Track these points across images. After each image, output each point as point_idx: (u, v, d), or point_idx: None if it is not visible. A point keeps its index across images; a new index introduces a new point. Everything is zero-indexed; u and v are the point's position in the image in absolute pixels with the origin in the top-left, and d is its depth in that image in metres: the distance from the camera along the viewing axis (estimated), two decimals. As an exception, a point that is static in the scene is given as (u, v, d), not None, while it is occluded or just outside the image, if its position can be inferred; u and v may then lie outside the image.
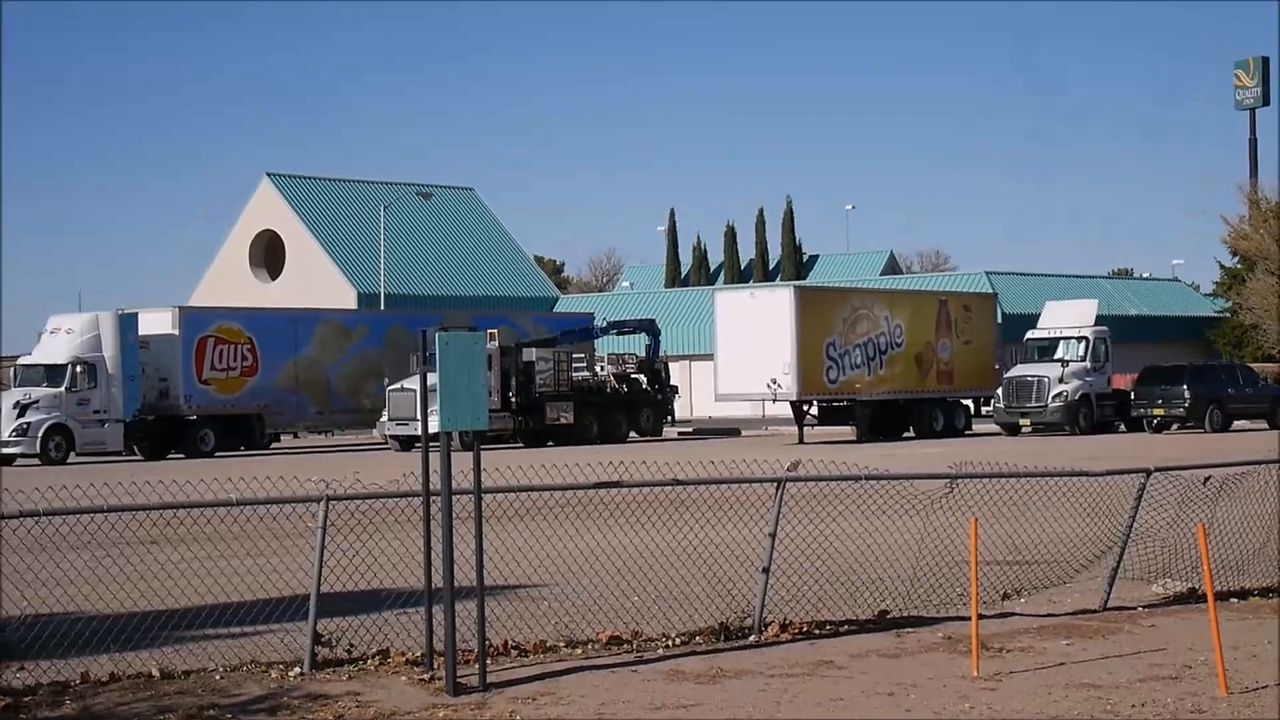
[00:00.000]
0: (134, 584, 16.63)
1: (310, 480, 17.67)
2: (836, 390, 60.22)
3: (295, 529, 20.69)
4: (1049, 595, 17.63)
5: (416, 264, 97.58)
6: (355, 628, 14.67)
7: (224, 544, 20.90)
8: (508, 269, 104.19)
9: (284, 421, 64.26)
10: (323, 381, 63.75)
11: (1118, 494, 17.81)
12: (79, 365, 55.67)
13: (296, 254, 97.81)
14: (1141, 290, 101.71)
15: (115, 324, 56.76)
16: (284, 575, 16.52)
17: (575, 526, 19.18)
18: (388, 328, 66.17)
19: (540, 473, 16.88)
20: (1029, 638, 15.44)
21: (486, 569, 13.66)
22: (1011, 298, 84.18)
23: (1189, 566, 17.60)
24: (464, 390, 13.29)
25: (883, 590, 16.99)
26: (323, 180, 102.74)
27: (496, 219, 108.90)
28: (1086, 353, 62.78)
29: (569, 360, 62.96)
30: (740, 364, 59.02)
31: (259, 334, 61.90)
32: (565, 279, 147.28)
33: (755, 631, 15.48)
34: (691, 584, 17.14)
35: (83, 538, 14.94)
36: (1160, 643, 15.11)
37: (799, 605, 16.29)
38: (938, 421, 63.16)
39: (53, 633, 14.05)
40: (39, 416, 54.80)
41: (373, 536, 17.19)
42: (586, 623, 15.46)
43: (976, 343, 65.72)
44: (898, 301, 65.44)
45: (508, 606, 16.47)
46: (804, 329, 58.43)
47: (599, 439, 60.90)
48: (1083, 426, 61.33)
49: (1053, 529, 18.88)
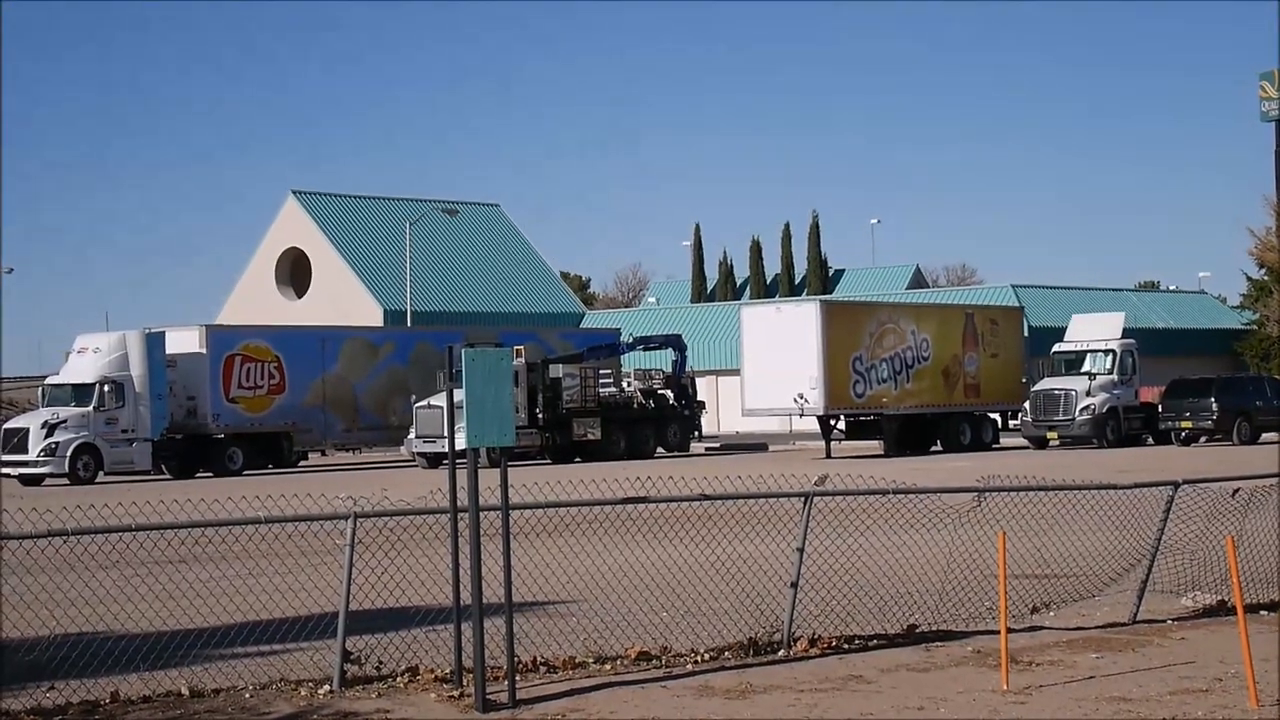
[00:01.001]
0: (163, 603, 16.65)
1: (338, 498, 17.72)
2: (863, 404, 60.17)
3: (324, 547, 20.72)
4: (1078, 609, 17.59)
5: (443, 280, 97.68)
6: (384, 645, 14.67)
7: (252, 562, 20.92)
8: (534, 285, 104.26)
9: (312, 439, 64.28)
10: (350, 399, 63.83)
11: (1146, 507, 17.77)
12: (107, 384, 55.79)
13: (323, 271, 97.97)
14: (1168, 303, 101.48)
15: (142, 343, 56.89)
16: (312, 593, 16.54)
17: (603, 542, 19.17)
18: (414, 344, 66.24)
19: (567, 488, 16.88)
20: (1058, 651, 15.40)
21: (515, 585, 13.65)
22: (1038, 311, 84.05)
23: (1218, 579, 17.54)
24: (491, 407, 13.29)
25: (911, 604, 16.96)
26: (348, 198, 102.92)
27: (522, 235, 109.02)
28: (1114, 366, 62.63)
29: (595, 376, 62.96)
30: (767, 379, 59.02)
31: (286, 352, 61.99)
32: (591, 295, 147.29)
33: (784, 646, 15.46)
34: (720, 599, 17.12)
35: (111, 557, 14.97)
36: (1190, 655, 15.06)
37: (828, 620, 16.26)
38: (965, 435, 63.09)
39: (82, 652, 14.08)
40: (67, 436, 54.93)
41: (400, 553, 17.20)
42: (615, 639, 15.45)
43: (1003, 356, 65.63)
44: (924, 315, 65.37)
45: (536, 623, 16.46)
46: (830, 343, 58.40)
47: (626, 455, 60.87)
48: (1110, 439, 61.15)
49: (1081, 542, 18.83)
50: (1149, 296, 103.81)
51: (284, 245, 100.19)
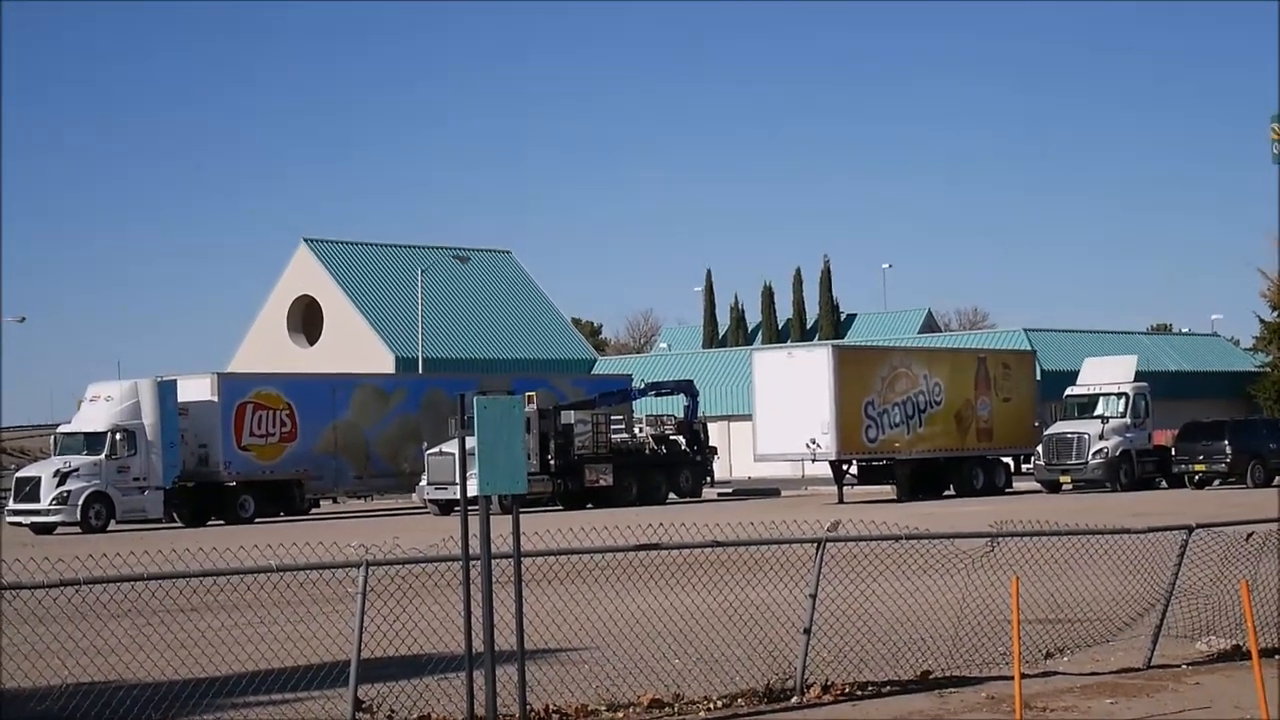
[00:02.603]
0: (174, 652, 16.63)
1: (350, 545, 17.71)
2: (876, 449, 60.15)
3: (335, 594, 20.69)
4: (1092, 654, 17.53)
5: (454, 327, 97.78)
6: (396, 693, 14.64)
7: (264, 610, 20.90)
8: (545, 331, 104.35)
9: (323, 487, 64.24)
10: (362, 446, 63.84)
11: (1160, 551, 17.72)
12: (118, 433, 55.85)
13: (334, 319, 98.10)
14: (1181, 345, 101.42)
15: (154, 391, 56.97)
16: (324, 641, 16.50)
17: (615, 589, 19.13)
18: (426, 391, 66.27)
19: (579, 535, 16.85)
20: (1073, 697, 15.34)
21: (526, 633, 13.63)
22: (1050, 354, 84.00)
23: (1233, 623, 17.48)
24: (502, 454, 13.28)
25: (925, 650, 16.91)
26: (359, 245, 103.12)
27: (534, 281, 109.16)
28: (1127, 409, 62.58)
29: (607, 422, 62.96)
30: (779, 424, 59.06)
31: (298, 399, 62.03)
32: (603, 341, 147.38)
33: (797, 693, 15.41)
34: (732, 645, 17.08)
35: (123, 606, 14.95)
36: (1205, 701, 15.00)
37: (841, 666, 16.22)
38: (978, 480, 63.06)
39: (94, 702, 14.05)
40: (79, 484, 54.97)
41: (413, 601, 17.18)
42: (628, 685, 15.41)
43: (1016, 400, 65.64)
44: (936, 360, 65.39)
45: (548, 670, 16.42)
46: (842, 388, 58.43)
47: (638, 501, 60.79)
48: (1124, 483, 61.06)
49: (1095, 587, 18.77)
50: (1161, 339, 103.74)
51: (296, 293, 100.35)
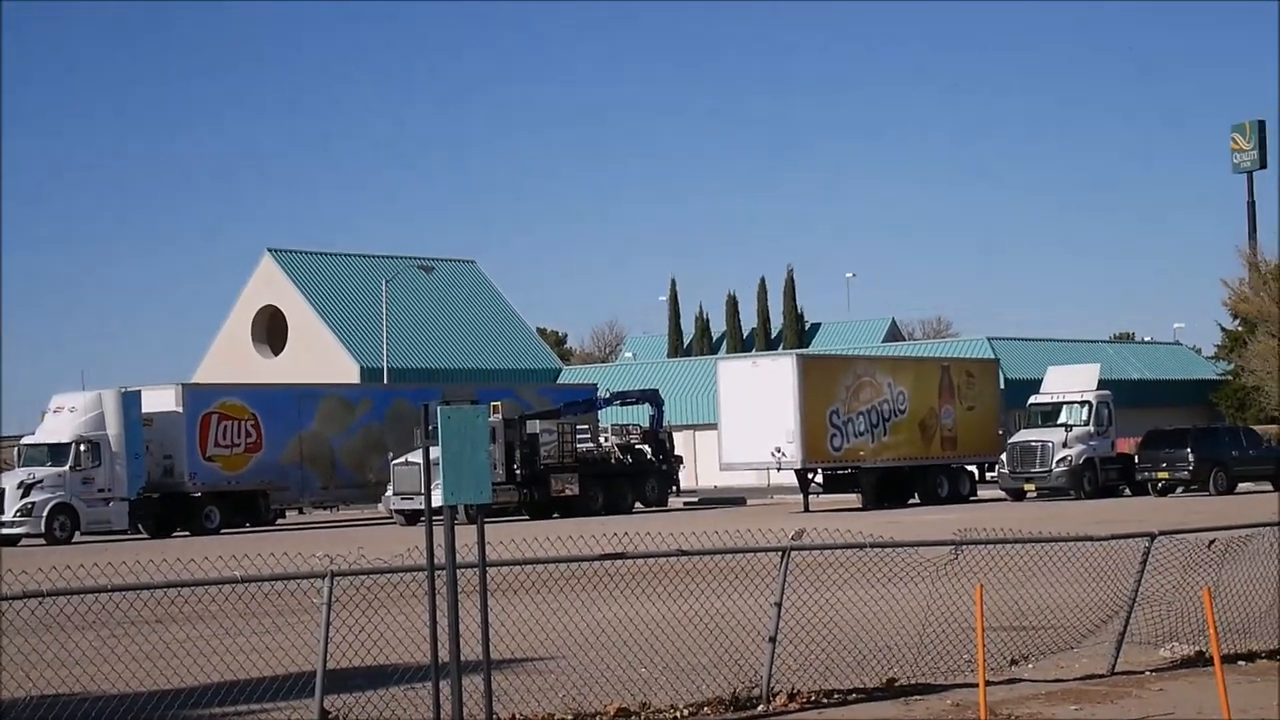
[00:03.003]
0: (140, 663, 16.60)
1: (315, 556, 17.70)
2: (841, 458, 60.21)
3: (301, 605, 20.66)
4: (1056, 660, 17.60)
5: (419, 337, 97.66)
6: (362, 704, 14.64)
7: (230, 621, 20.87)
8: (510, 342, 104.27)
9: (289, 497, 64.09)
10: (327, 457, 63.73)
11: (1123, 558, 17.80)
12: (83, 444, 55.66)
13: (299, 329, 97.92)
14: (1143, 354, 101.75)
15: (119, 402, 56.78)
16: (290, 652, 16.49)
17: (581, 598, 19.15)
18: (391, 402, 66.15)
19: (545, 545, 16.88)
20: (1037, 704, 15.41)
21: (493, 642, 13.64)
22: (1014, 363, 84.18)
23: (1195, 630, 17.58)
24: (467, 464, 13.29)
25: (890, 658, 16.96)
26: (324, 255, 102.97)
27: (498, 291, 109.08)
28: (1090, 417, 62.77)
29: (573, 432, 62.93)
30: (744, 433, 59.08)
31: (263, 410, 61.90)
32: (568, 350, 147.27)
33: (763, 701, 15.45)
34: (699, 654, 17.11)
35: (88, 617, 14.93)
36: (1168, 707, 15.07)
37: (806, 674, 16.25)
38: (942, 488, 63.18)
39: (59, 714, 14.03)
40: (43, 496, 54.75)
41: (378, 612, 17.18)
42: (594, 695, 15.43)
43: (980, 408, 65.76)
44: (900, 368, 65.51)
45: (515, 680, 16.43)
46: (807, 397, 58.48)
47: (604, 510, 60.79)
48: (1087, 491, 61.27)
49: (1059, 594, 18.85)
50: (1124, 348, 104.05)
51: (260, 303, 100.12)
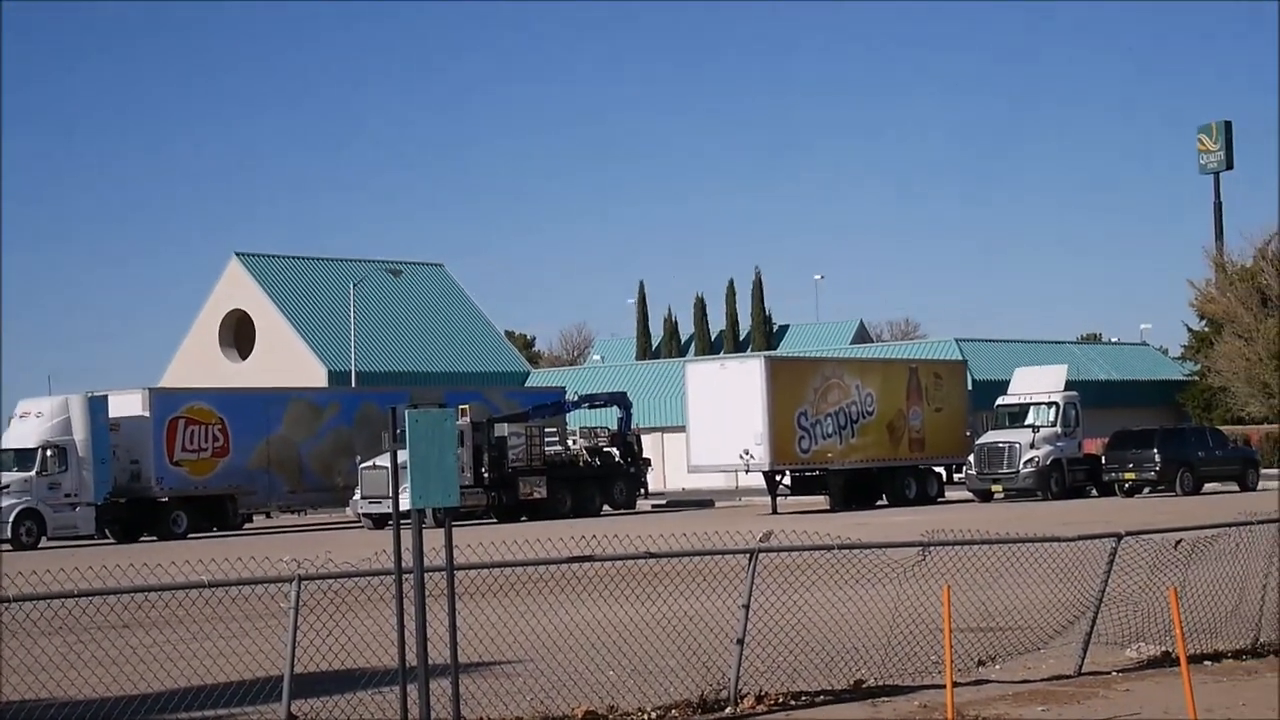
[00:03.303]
0: (106, 668, 16.55)
1: (282, 560, 17.67)
2: (809, 460, 60.25)
3: (268, 610, 20.62)
4: (1024, 661, 17.64)
5: (387, 341, 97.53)
6: (330, 708, 14.62)
7: (197, 626, 20.83)
8: (478, 344, 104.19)
9: (256, 502, 63.92)
10: (295, 461, 63.59)
11: (1090, 559, 17.84)
12: (49, 449, 55.49)
13: (266, 333, 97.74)
14: (1110, 355, 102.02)
15: (85, 407, 56.61)
16: (258, 656, 16.46)
17: (549, 601, 19.15)
18: (359, 405, 66.01)
19: (513, 548, 16.88)
20: (1004, 704, 15.44)
21: (461, 646, 13.63)
22: (981, 364, 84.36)
23: (1162, 630, 17.63)
24: (435, 467, 13.28)
25: (858, 659, 16.98)
26: (292, 259, 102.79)
27: (466, 295, 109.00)
28: (1057, 418, 62.89)
29: (541, 435, 62.88)
30: (712, 435, 59.10)
31: (230, 414, 61.74)
32: (536, 353, 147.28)
33: (731, 704, 15.46)
34: (667, 657, 17.11)
35: (54, 623, 14.88)
36: (1135, 707, 15.12)
37: (774, 676, 16.26)
38: (910, 489, 63.26)
39: (25, 718, 13.98)
40: (9, 501, 54.51)
41: (346, 616, 17.16)
42: (562, 698, 15.43)
43: (947, 410, 65.87)
44: (868, 370, 65.58)
45: (482, 683, 16.42)
46: (775, 399, 58.52)
47: (572, 513, 60.76)
48: (1054, 492, 61.37)
49: (1026, 595, 18.90)
50: (1091, 349, 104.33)
51: (228, 307, 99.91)
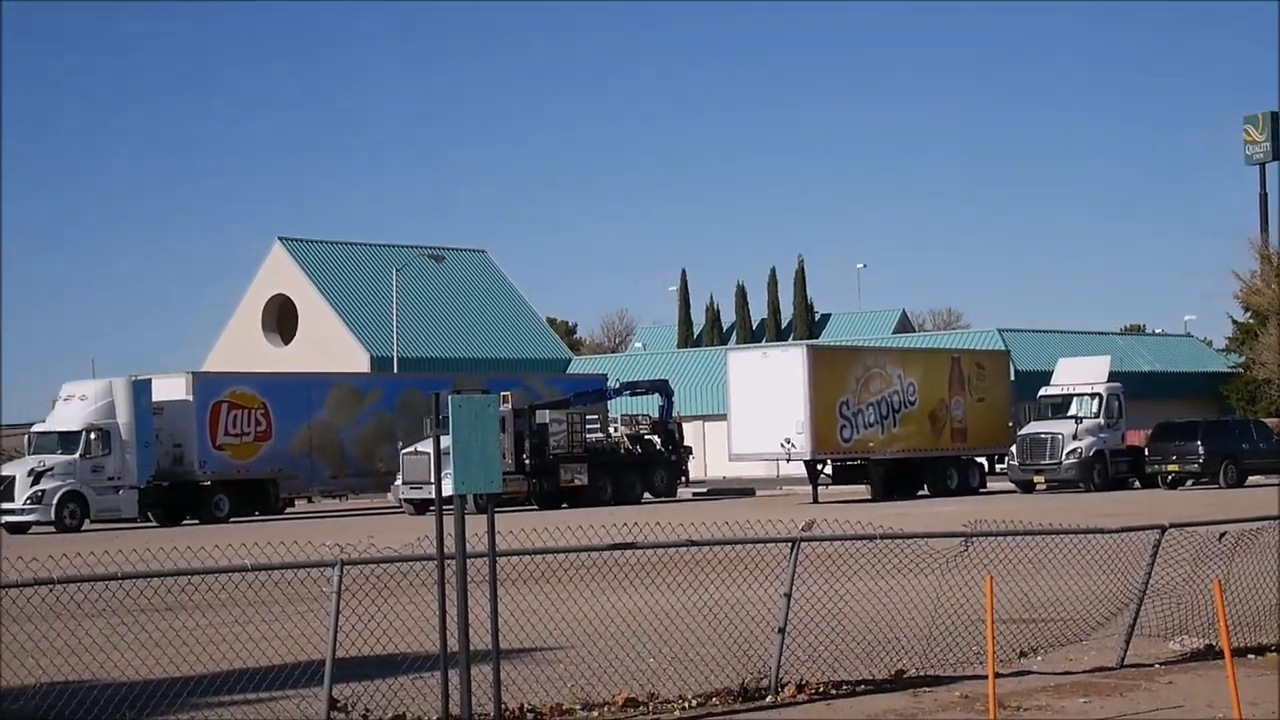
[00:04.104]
0: (149, 651, 16.60)
1: (325, 545, 17.67)
2: (850, 449, 60.20)
3: (310, 594, 20.67)
4: (1065, 653, 17.57)
5: (429, 327, 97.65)
6: (371, 692, 14.63)
7: (239, 610, 20.88)
8: (520, 331, 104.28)
9: (298, 486, 64.14)
10: (337, 445, 63.77)
11: (1133, 551, 17.76)
12: (93, 432, 55.72)
13: (309, 318, 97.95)
14: (1154, 346, 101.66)
15: (129, 390, 56.83)
16: (299, 640, 16.49)
17: (590, 588, 19.14)
18: (401, 391, 66.17)
19: (554, 535, 16.85)
20: (1046, 696, 15.38)
21: (501, 632, 13.63)
22: (1024, 355, 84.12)
23: (1205, 623, 17.54)
24: (477, 453, 13.27)
25: (899, 649, 16.94)
26: (334, 244, 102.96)
27: (509, 281, 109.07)
28: (1100, 409, 62.67)
29: (582, 422, 62.94)
30: (754, 424, 59.08)
31: (273, 399, 61.94)
32: (578, 340, 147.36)
33: (771, 692, 15.43)
34: (707, 645, 17.09)
35: (98, 605, 14.92)
36: (1178, 700, 15.05)
37: (815, 665, 16.23)
38: (952, 480, 63.14)
39: (68, 701, 14.02)
40: (53, 484, 54.80)
41: (387, 600, 17.18)
42: (602, 685, 15.42)
43: (990, 400, 65.72)
44: (910, 360, 65.45)
45: (523, 669, 16.43)
46: (817, 388, 58.46)
47: (613, 500, 60.79)
48: (1097, 483, 61.17)
49: (1068, 586, 18.82)
50: (1135, 340, 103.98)
51: (270, 292, 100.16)
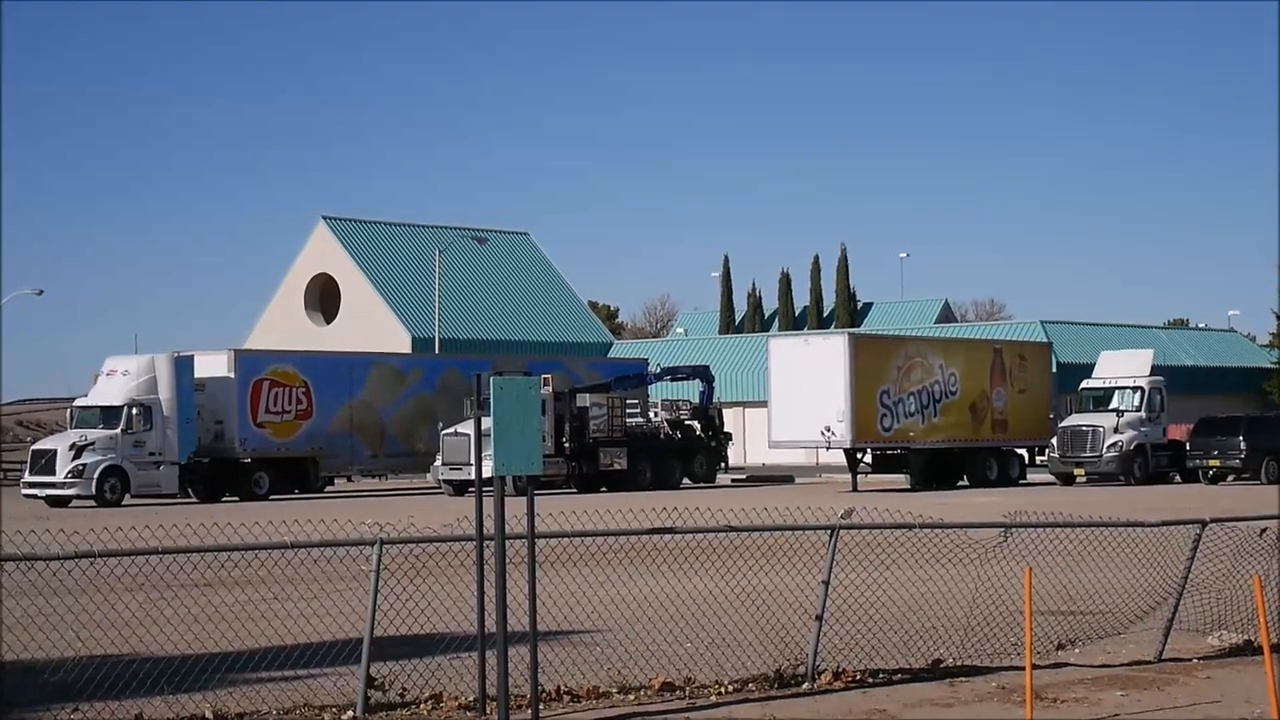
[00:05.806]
0: (188, 626, 16.67)
1: (364, 524, 17.73)
2: (890, 438, 60.09)
3: (349, 572, 20.72)
4: (1103, 646, 17.52)
5: (471, 308, 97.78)
6: (408, 671, 14.67)
7: (278, 587, 20.94)
8: (562, 314, 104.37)
9: (338, 465, 64.32)
10: (377, 425, 63.91)
11: (1173, 545, 17.71)
12: (135, 407, 55.91)
13: (351, 297, 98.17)
14: (1197, 341, 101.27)
15: (171, 366, 57.00)
16: (337, 618, 16.53)
17: (629, 572, 19.16)
18: (442, 372, 66.31)
19: (594, 518, 16.87)
20: (1083, 688, 15.34)
21: (540, 614, 13.65)
22: (1066, 347, 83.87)
23: (1245, 618, 17.48)
24: (518, 435, 13.28)
25: (936, 639, 16.92)
26: (378, 224, 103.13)
27: (551, 263, 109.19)
28: (1142, 403, 62.50)
29: (623, 406, 62.97)
30: (794, 411, 58.98)
31: (314, 377, 62.09)
32: (619, 324, 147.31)
33: (808, 679, 15.42)
34: (744, 630, 17.09)
35: (137, 579, 15.00)
36: (1216, 695, 15.00)
37: (852, 653, 16.22)
38: (992, 471, 63.00)
39: (107, 674, 14.09)
40: (95, 458, 55.01)
41: (426, 580, 17.20)
42: (639, 668, 15.43)
43: (1031, 392, 65.52)
44: (952, 350, 65.29)
45: (560, 652, 16.46)
46: (858, 376, 58.34)
47: (652, 485, 60.82)
48: (1137, 477, 61.04)
49: (1107, 579, 18.77)
50: (1178, 334, 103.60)
51: (313, 271, 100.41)
